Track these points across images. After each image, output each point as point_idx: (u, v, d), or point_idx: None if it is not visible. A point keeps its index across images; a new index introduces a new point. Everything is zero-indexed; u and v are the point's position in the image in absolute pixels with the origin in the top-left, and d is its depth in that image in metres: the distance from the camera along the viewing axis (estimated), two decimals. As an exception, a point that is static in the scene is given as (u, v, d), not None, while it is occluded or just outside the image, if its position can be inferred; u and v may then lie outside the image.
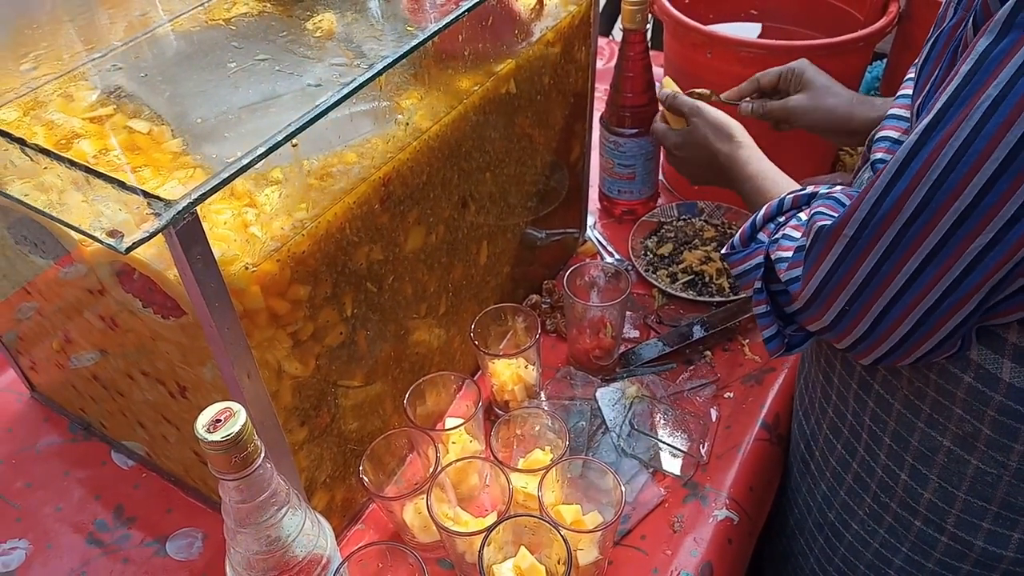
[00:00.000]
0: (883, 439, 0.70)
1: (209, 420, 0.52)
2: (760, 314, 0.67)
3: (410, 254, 0.75)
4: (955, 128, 0.49)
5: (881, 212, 0.54)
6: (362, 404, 0.78)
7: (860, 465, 0.74)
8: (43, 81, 0.65)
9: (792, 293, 0.62)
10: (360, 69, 0.61)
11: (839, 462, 0.77)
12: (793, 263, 0.62)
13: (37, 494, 0.86)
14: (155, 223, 0.46)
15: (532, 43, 0.84)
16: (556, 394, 0.92)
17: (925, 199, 0.51)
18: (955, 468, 0.65)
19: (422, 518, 0.76)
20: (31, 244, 0.69)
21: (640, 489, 0.82)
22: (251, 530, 0.57)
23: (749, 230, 0.69)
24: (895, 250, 0.54)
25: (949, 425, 0.64)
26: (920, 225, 0.52)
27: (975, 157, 0.48)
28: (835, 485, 0.78)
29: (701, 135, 0.90)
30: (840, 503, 0.78)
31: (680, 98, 0.94)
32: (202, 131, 0.63)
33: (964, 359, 0.60)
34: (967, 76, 0.49)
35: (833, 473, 0.78)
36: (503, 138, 0.84)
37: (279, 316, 0.62)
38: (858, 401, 0.71)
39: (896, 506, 0.72)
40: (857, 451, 0.74)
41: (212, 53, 0.71)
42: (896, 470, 0.70)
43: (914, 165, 0.52)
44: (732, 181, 0.86)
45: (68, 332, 0.77)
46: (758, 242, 0.68)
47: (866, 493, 0.74)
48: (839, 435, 0.76)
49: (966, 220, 0.50)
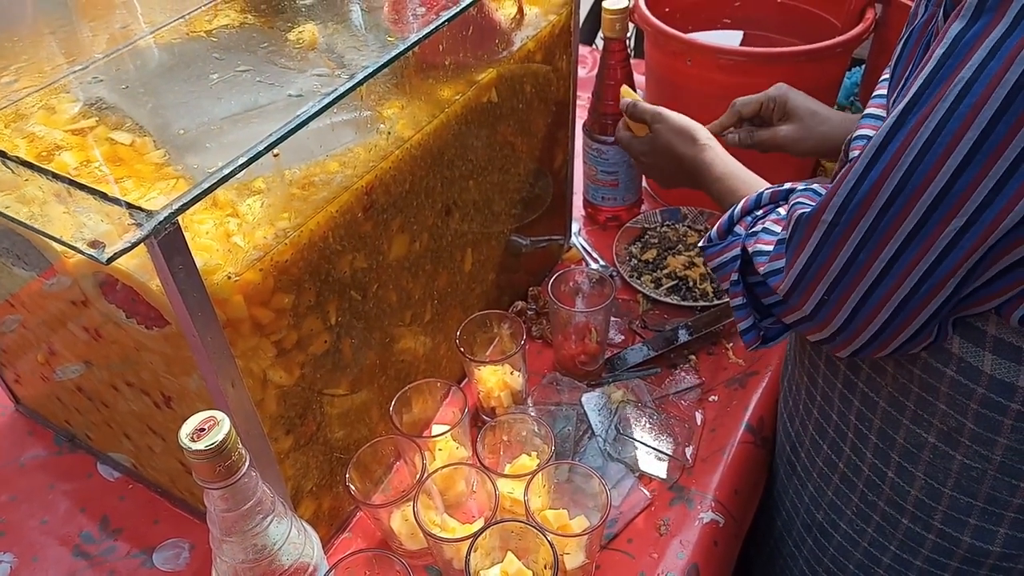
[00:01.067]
0: (869, 437, 0.71)
1: (193, 429, 0.52)
2: (736, 306, 0.68)
3: (394, 262, 0.76)
4: (929, 111, 0.50)
5: (858, 197, 0.54)
6: (348, 412, 0.78)
7: (847, 465, 0.74)
8: (24, 94, 0.65)
9: (773, 285, 0.62)
10: (342, 79, 0.61)
11: (825, 463, 0.77)
12: (775, 255, 0.62)
13: (22, 507, 0.86)
14: (137, 233, 0.46)
15: (513, 52, 0.85)
16: (542, 400, 0.93)
17: (901, 183, 0.52)
18: (940, 464, 0.66)
19: (409, 525, 0.77)
20: (13, 256, 0.69)
21: (626, 493, 0.82)
22: (237, 539, 0.58)
23: (726, 223, 0.69)
24: (873, 235, 0.54)
25: (934, 421, 0.65)
26: (897, 209, 0.53)
27: (948, 139, 0.49)
28: (822, 486, 0.79)
29: (664, 141, 0.89)
30: (828, 503, 0.78)
31: (641, 105, 0.93)
32: (184, 142, 0.64)
33: (946, 352, 0.61)
34: (940, 60, 0.50)
35: (820, 474, 0.78)
36: (486, 146, 0.85)
37: (263, 325, 0.62)
38: (843, 401, 0.72)
39: (884, 504, 0.72)
40: (843, 451, 0.74)
41: (194, 65, 0.71)
42: (883, 468, 0.71)
43: (890, 149, 0.52)
44: (700, 183, 0.86)
45: (52, 344, 0.77)
46: (735, 235, 0.68)
47: (853, 493, 0.75)
48: (825, 436, 0.76)
49: (941, 203, 0.51)
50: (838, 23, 1.14)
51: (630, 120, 0.95)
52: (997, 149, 0.47)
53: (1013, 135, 0.47)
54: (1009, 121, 0.47)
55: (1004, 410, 0.60)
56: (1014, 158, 0.47)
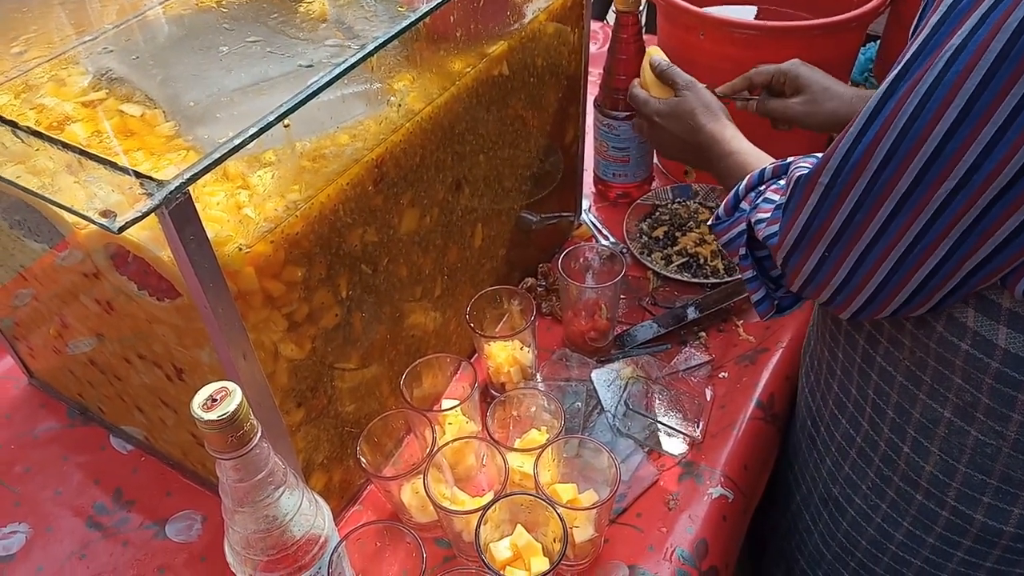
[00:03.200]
0: (886, 412, 0.71)
1: (205, 399, 0.52)
2: (747, 279, 0.70)
3: (404, 236, 0.76)
4: (920, 76, 0.51)
5: (853, 159, 0.56)
6: (359, 386, 0.78)
7: (864, 439, 0.75)
8: (34, 64, 0.65)
9: (771, 248, 0.64)
10: (352, 50, 0.61)
11: (844, 437, 0.77)
12: (772, 220, 0.64)
13: (36, 479, 0.87)
14: (148, 203, 0.46)
15: (524, 25, 0.84)
16: (552, 376, 0.93)
17: (894, 145, 0.53)
18: (955, 440, 0.66)
19: (419, 498, 0.77)
20: (26, 229, 0.69)
21: (635, 468, 0.82)
22: (249, 509, 0.58)
23: (733, 200, 0.71)
24: (868, 196, 0.56)
25: (949, 395, 0.65)
26: (891, 171, 0.54)
27: (937, 105, 0.50)
28: (839, 460, 0.79)
29: (688, 108, 0.88)
30: (844, 477, 0.79)
31: (675, 70, 0.92)
32: (195, 114, 0.63)
33: (961, 326, 0.61)
34: (935, 27, 0.51)
35: (838, 448, 0.79)
36: (496, 120, 0.84)
37: (274, 297, 0.62)
38: (862, 375, 0.72)
39: (898, 480, 0.72)
40: (861, 425, 0.74)
41: (204, 36, 0.71)
42: (899, 443, 0.71)
43: (883, 113, 0.53)
44: (711, 158, 0.85)
45: (65, 317, 0.78)
46: (741, 211, 0.70)
47: (869, 467, 0.75)
48: (844, 410, 0.76)
49: (932, 165, 0.52)
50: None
51: (658, 79, 0.93)
52: (984, 115, 0.49)
53: (999, 102, 0.48)
54: (996, 88, 0.48)
55: (1019, 385, 0.60)
56: (1001, 123, 0.48)
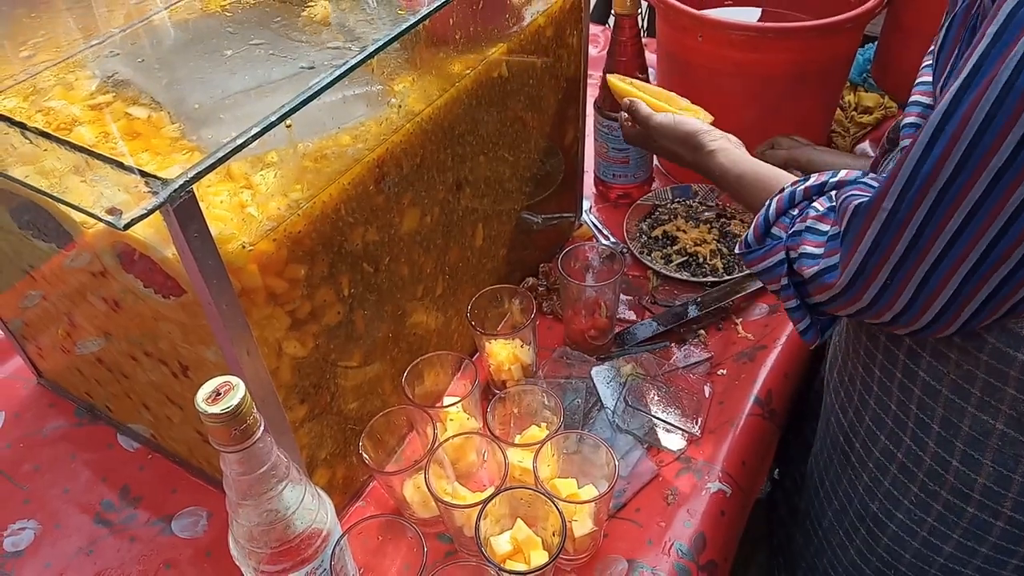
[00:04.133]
0: (931, 427, 0.69)
1: (209, 393, 0.53)
2: (791, 308, 0.67)
3: (405, 236, 0.77)
4: (987, 86, 0.50)
5: (920, 180, 0.54)
6: (361, 384, 0.80)
7: (906, 455, 0.73)
8: (41, 68, 0.66)
9: (829, 282, 0.61)
10: (353, 52, 0.62)
11: (883, 452, 0.75)
12: (828, 252, 0.62)
13: (45, 476, 0.88)
14: (153, 201, 0.48)
15: (523, 27, 0.85)
16: (552, 373, 0.94)
17: (963, 159, 0.52)
18: (1010, 451, 0.64)
19: (421, 493, 0.78)
20: (35, 229, 0.70)
21: (635, 463, 0.83)
22: (252, 503, 0.59)
23: (763, 226, 0.68)
24: (935, 215, 0.54)
25: (1002, 407, 0.63)
26: (959, 186, 0.53)
27: (1009, 113, 0.49)
28: (878, 476, 0.77)
29: (669, 150, 0.89)
30: (883, 493, 0.77)
31: (638, 109, 0.92)
32: (199, 116, 0.65)
33: (1017, 337, 0.60)
34: (995, 37, 0.50)
35: (876, 464, 0.77)
36: (496, 122, 0.86)
37: (277, 295, 0.63)
38: (903, 390, 0.70)
39: (947, 494, 0.70)
40: (903, 441, 0.72)
41: (208, 40, 0.72)
42: (946, 457, 0.69)
43: (949, 128, 0.52)
44: (718, 185, 0.86)
45: (73, 317, 0.79)
46: (774, 238, 0.67)
47: (912, 482, 0.73)
48: (883, 426, 0.74)
49: (1004, 175, 0.51)
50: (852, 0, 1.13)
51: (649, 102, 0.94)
52: None
53: None
54: None
55: None
56: None
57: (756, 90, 1.08)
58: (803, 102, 1.09)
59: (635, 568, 0.76)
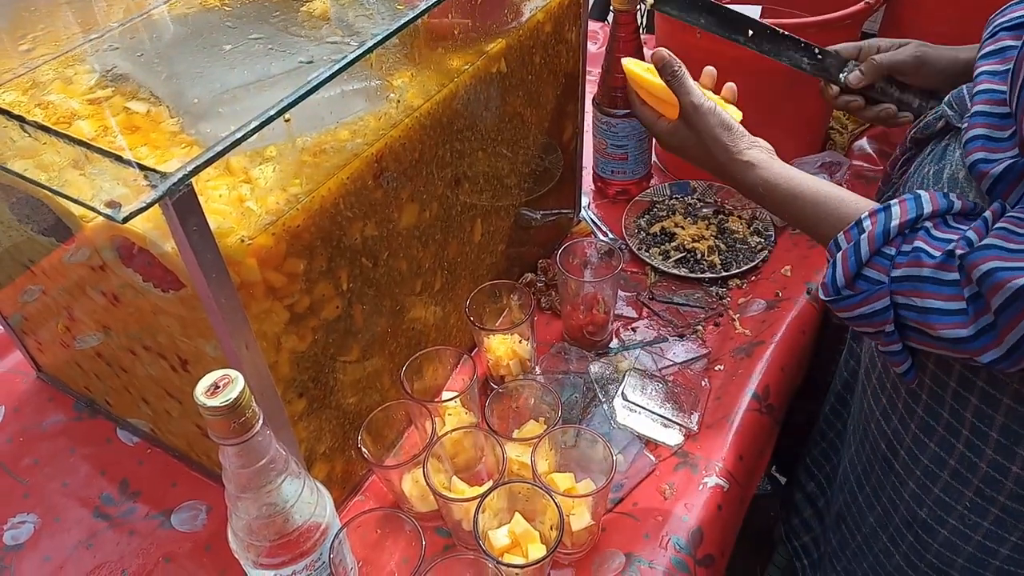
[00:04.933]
0: (989, 435, 0.67)
1: (208, 386, 0.53)
2: (894, 352, 0.63)
3: (404, 230, 0.77)
4: None
5: None
6: (360, 379, 0.80)
7: (959, 462, 0.71)
8: (41, 62, 0.66)
9: (968, 349, 0.58)
10: (352, 47, 0.62)
11: (932, 460, 0.73)
12: (975, 316, 0.57)
13: (44, 470, 0.89)
14: (152, 194, 0.48)
15: (522, 23, 0.85)
16: (551, 368, 0.94)
17: None
18: None
19: (420, 487, 0.78)
20: (34, 223, 0.70)
21: (632, 458, 0.84)
22: (251, 496, 0.59)
23: (853, 268, 0.62)
24: None
25: None
26: None
27: None
28: (926, 482, 0.75)
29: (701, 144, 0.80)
30: (934, 500, 0.75)
31: (683, 82, 0.80)
32: (198, 110, 0.65)
33: None
34: None
35: (924, 471, 0.75)
36: (495, 117, 0.86)
37: (275, 289, 0.63)
38: (957, 398, 0.68)
39: (1005, 498, 0.69)
40: (955, 448, 0.70)
41: (207, 34, 0.72)
42: (1006, 464, 0.67)
43: None
44: (756, 201, 0.78)
45: (72, 311, 0.79)
46: (871, 282, 0.62)
47: (967, 488, 0.71)
48: (932, 433, 0.72)
49: None
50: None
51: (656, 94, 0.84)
52: None
53: None
54: None
55: None
56: None
57: (754, 87, 1.08)
58: (801, 99, 1.09)
59: (632, 562, 0.76)
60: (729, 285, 1.05)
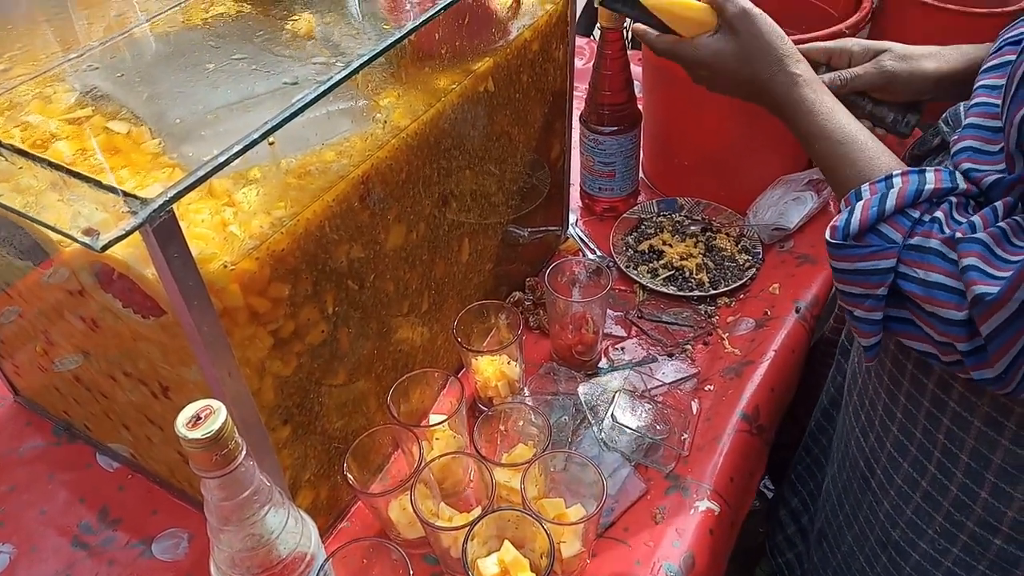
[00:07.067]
0: (960, 457, 0.67)
1: (189, 418, 0.52)
2: (870, 320, 0.60)
3: (391, 252, 0.76)
4: None
5: None
6: (346, 402, 0.78)
7: (931, 484, 0.70)
8: (19, 82, 0.65)
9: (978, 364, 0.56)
10: (338, 68, 0.61)
11: (905, 480, 0.73)
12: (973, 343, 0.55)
13: (21, 497, 0.86)
14: (131, 221, 0.46)
15: (510, 41, 0.85)
16: (539, 390, 0.93)
17: None
18: None
19: (407, 514, 0.77)
20: (11, 247, 0.69)
21: (622, 482, 0.83)
22: (234, 528, 0.58)
23: (872, 217, 0.58)
24: None
25: None
26: None
27: None
28: (900, 504, 0.75)
29: (743, 53, 0.72)
30: (906, 521, 0.75)
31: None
32: (180, 131, 0.64)
33: None
34: None
35: (898, 492, 0.75)
36: (482, 136, 0.85)
37: (259, 314, 0.62)
38: (930, 419, 0.68)
39: (974, 525, 0.69)
40: (927, 469, 0.70)
41: (190, 53, 0.71)
42: (975, 488, 0.67)
43: None
44: (789, 123, 0.72)
45: (50, 335, 0.77)
46: (884, 238, 0.58)
47: (937, 512, 0.71)
48: (905, 453, 0.72)
49: None
50: (835, 13, 1.14)
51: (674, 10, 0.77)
52: None
53: None
54: None
55: None
56: None
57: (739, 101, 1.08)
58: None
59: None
60: (717, 303, 1.05)
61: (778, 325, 1.00)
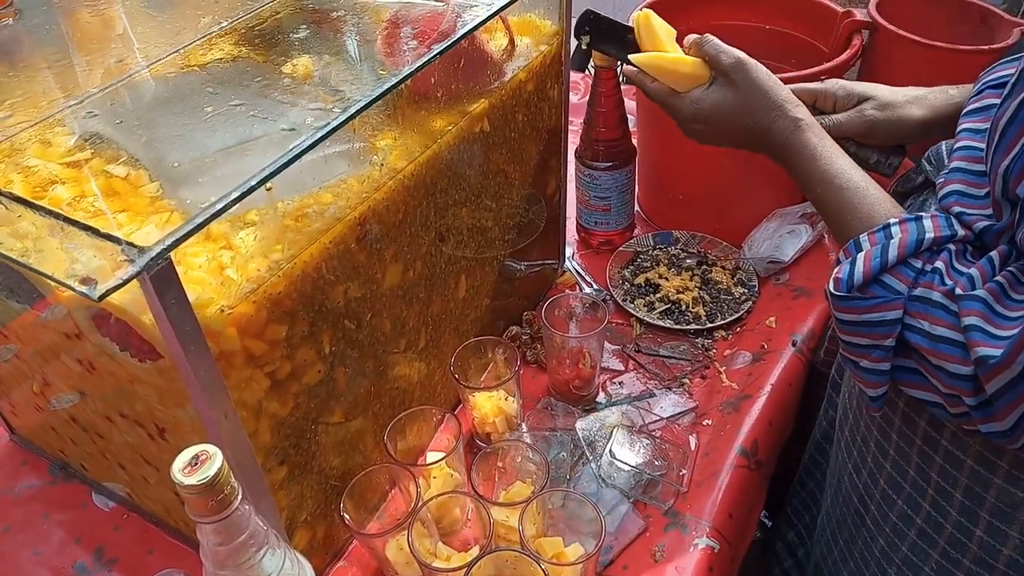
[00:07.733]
0: (953, 495, 0.66)
1: (185, 463, 0.52)
2: (879, 371, 0.60)
3: (388, 290, 0.76)
4: None
5: None
6: (342, 441, 0.78)
7: (925, 521, 0.70)
8: (19, 128, 0.65)
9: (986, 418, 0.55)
10: (335, 112, 0.62)
11: (900, 517, 0.73)
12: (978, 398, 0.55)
13: (16, 538, 0.86)
14: (129, 270, 0.47)
15: (505, 82, 0.86)
16: (537, 425, 0.93)
17: None
18: None
19: (404, 554, 0.76)
20: (7, 290, 0.69)
21: (621, 519, 0.82)
22: (230, 572, 0.57)
23: (875, 269, 0.58)
24: None
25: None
26: None
27: None
28: (895, 541, 0.74)
29: (739, 103, 0.73)
30: (902, 559, 0.74)
31: (714, 44, 0.74)
32: (178, 175, 0.64)
33: None
34: None
35: (893, 529, 0.74)
36: (478, 175, 0.86)
37: (256, 356, 0.62)
38: (923, 457, 0.67)
39: (969, 562, 0.68)
40: (922, 507, 0.70)
41: (188, 98, 0.72)
42: (970, 527, 0.66)
43: None
44: (790, 167, 0.71)
45: (46, 375, 0.77)
46: (888, 289, 0.58)
47: (933, 549, 0.70)
48: (899, 490, 0.71)
49: None
50: (826, 49, 1.15)
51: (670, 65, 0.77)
52: None
53: None
54: None
55: None
56: None
57: (735, 139, 1.09)
58: (782, 150, 1.10)
59: (623, 628, 0.74)
60: (714, 336, 1.05)
61: (775, 359, 1.00)
